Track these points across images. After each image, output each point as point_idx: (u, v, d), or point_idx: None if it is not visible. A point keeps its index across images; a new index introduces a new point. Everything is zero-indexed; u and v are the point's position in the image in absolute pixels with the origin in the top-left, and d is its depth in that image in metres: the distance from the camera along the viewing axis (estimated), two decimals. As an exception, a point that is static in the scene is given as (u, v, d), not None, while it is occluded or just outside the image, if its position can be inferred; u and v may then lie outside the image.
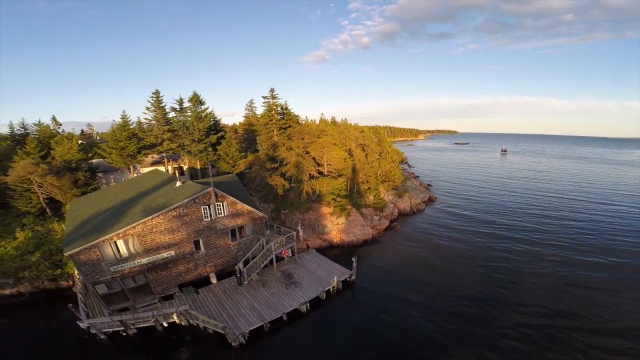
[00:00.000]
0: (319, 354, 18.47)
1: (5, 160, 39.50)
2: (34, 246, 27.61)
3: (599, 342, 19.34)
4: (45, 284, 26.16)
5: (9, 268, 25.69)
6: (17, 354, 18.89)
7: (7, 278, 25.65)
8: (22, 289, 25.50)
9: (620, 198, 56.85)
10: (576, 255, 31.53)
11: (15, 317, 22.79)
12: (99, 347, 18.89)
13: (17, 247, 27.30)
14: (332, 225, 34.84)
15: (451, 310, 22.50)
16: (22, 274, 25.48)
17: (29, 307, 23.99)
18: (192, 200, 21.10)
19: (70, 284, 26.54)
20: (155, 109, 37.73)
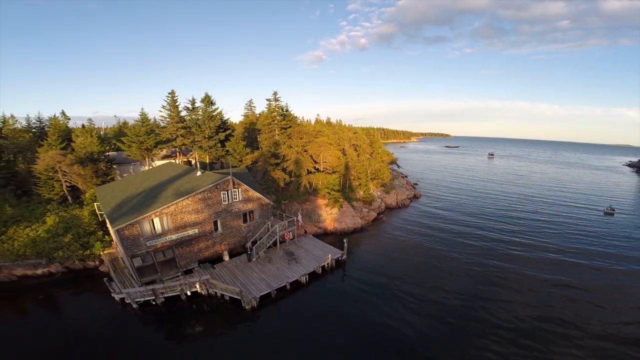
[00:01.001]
0: (315, 316, 22.80)
1: (25, 151, 43.04)
2: (63, 229, 30.40)
3: (573, 338, 20.99)
4: (76, 264, 29.20)
5: (44, 249, 28.65)
6: (59, 326, 21.53)
7: (41, 258, 28.34)
8: (53, 269, 28.40)
9: (587, 200, 62.89)
10: (538, 250, 36.67)
11: (52, 294, 25.39)
12: (132, 316, 22.17)
13: (47, 230, 30.10)
14: (326, 215, 39.57)
15: (421, 284, 27.32)
16: (56, 253, 28.51)
17: (62, 285, 26.73)
18: (215, 186, 25.58)
19: (97, 263, 29.90)
20: (171, 107, 41.80)
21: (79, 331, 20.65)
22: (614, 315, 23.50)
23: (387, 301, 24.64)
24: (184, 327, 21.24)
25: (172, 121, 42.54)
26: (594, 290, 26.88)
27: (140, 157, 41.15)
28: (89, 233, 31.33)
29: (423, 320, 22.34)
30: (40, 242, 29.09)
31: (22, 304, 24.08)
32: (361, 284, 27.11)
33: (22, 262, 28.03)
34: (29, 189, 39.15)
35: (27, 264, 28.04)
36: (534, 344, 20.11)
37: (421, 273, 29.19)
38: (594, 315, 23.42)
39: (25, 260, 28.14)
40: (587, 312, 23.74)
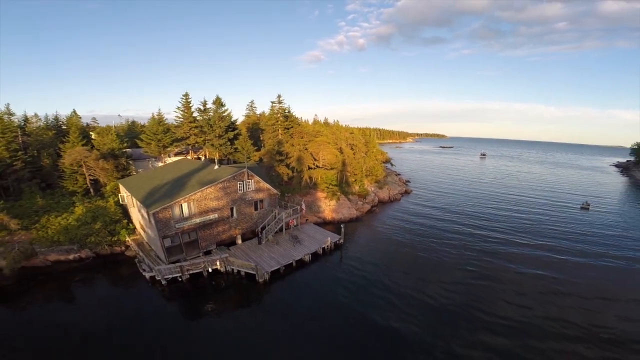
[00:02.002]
0: (317, 289, 27.08)
1: (48, 147, 46.83)
2: (91, 218, 33.82)
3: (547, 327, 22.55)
4: (105, 249, 32.54)
5: (76, 235, 31.95)
6: (97, 303, 24.62)
7: (73, 244, 31.44)
8: (84, 254, 31.49)
9: (567, 198, 68.05)
10: (513, 243, 41.36)
11: (88, 276, 28.56)
12: (161, 292, 25.71)
13: (77, 219, 33.56)
14: (325, 206, 44.11)
15: (405, 267, 31.36)
16: (89, 239, 31.94)
17: (94, 268, 29.96)
18: (233, 177, 30.03)
19: (123, 249, 33.40)
20: (184, 108, 46.04)
21: (115, 307, 23.98)
22: (579, 302, 26.41)
23: (376, 278, 28.85)
24: (206, 300, 25.15)
25: (185, 121, 46.75)
26: (566, 281, 29.22)
27: (157, 154, 45.33)
28: (114, 221, 35.14)
29: (403, 296, 26.57)
30: (71, 229, 32.41)
31: (63, 285, 27.23)
32: (355, 264, 31.53)
33: (56, 247, 31.30)
34: (53, 182, 43.10)
35: (61, 249, 31.27)
36: (510, 330, 23.09)
37: (407, 258, 33.38)
38: (562, 302, 26.85)
39: (59, 246, 31.41)
40: (559, 300, 26.60)
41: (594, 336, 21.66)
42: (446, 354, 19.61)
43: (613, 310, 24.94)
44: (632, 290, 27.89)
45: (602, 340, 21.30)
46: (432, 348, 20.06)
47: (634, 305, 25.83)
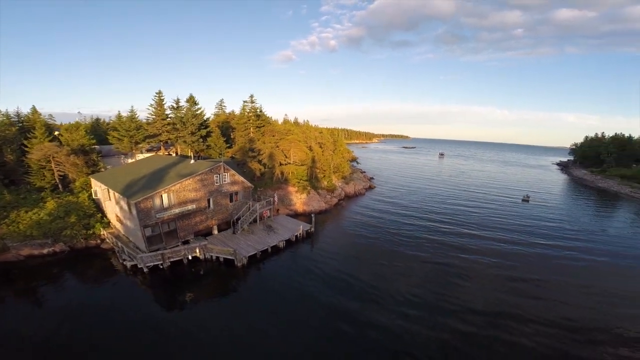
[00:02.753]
0: (290, 271, 29.91)
1: (11, 143, 45.29)
2: (63, 212, 34.26)
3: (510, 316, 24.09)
4: (81, 242, 32.88)
5: (49, 229, 32.07)
6: (79, 294, 25.18)
7: (47, 238, 31.59)
8: (58, 248, 31.60)
9: (511, 191, 76.95)
10: (462, 228, 47.36)
11: (65, 269, 28.78)
12: (142, 281, 26.76)
13: (49, 214, 33.80)
14: (296, 199, 47.28)
15: (368, 252, 35.27)
16: (64, 232, 32.28)
17: (71, 262, 30.17)
18: (210, 170, 32.20)
19: (98, 242, 34.00)
20: (157, 106, 46.88)
21: (95, 298, 24.59)
22: (518, 284, 31.68)
23: (342, 261, 32.35)
24: (187, 286, 26.61)
25: (158, 118, 47.58)
26: (507, 265, 33.80)
27: (129, 150, 45.74)
28: (88, 215, 35.76)
29: (362, 271, 30.63)
30: (44, 224, 32.57)
31: (38, 279, 27.19)
32: (324, 249, 34.97)
33: (30, 242, 31.29)
34: (17, 178, 42.11)
35: (34, 244, 31.21)
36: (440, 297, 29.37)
37: (368, 244, 36.98)
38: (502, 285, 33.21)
39: (32, 241, 31.43)
40: (496, 282, 32.83)
41: (533, 314, 24.23)
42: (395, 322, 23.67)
43: (544, 291, 28.08)
44: (560, 273, 31.32)
45: (536, 317, 23.78)
46: (379, 314, 23.89)
47: (560, 285, 29.71)
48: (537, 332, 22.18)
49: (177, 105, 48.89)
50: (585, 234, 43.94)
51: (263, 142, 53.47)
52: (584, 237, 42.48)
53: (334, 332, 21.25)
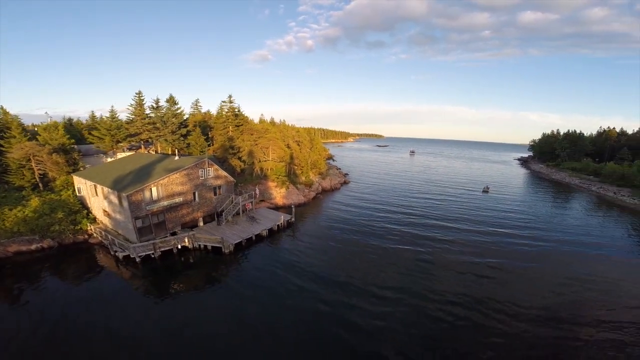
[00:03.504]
0: (273, 257, 32.82)
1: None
2: (48, 209, 35.16)
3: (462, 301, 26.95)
4: (69, 237, 33.90)
5: (38, 225, 32.88)
6: (74, 286, 26.23)
7: (35, 234, 32.28)
8: (46, 244, 32.32)
9: (474, 184, 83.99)
10: (428, 215, 52.41)
11: (54, 264, 29.48)
12: (135, 269, 28.40)
13: (34, 210, 34.58)
14: (276, 194, 50.25)
15: (343, 238, 39.24)
16: (53, 228, 33.20)
17: (61, 256, 31.01)
18: (195, 165, 34.52)
19: (86, 237, 35.09)
20: (138, 106, 48.09)
21: (90, 290, 25.60)
22: (472, 266, 38.33)
23: (320, 248, 35.50)
24: (178, 273, 28.72)
25: (138, 117, 48.77)
26: (465, 249, 39.83)
27: (110, 148, 46.68)
28: (74, 212, 36.85)
29: (337, 256, 34.22)
30: (30, 220, 33.35)
31: (32, 274, 27.82)
32: (304, 237, 38.12)
33: (17, 238, 31.98)
34: (0, 177, 41.85)
35: (22, 240, 31.88)
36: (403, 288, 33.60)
37: (344, 233, 40.66)
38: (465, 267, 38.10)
39: (19, 237, 32.13)
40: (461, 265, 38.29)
41: (495, 297, 26.32)
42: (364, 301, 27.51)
43: (504, 275, 31.12)
44: (515, 258, 34.77)
45: (501, 301, 25.60)
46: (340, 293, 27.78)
47: (518, 269, 32.72)
48: (504, 314, 23.75)
49: (157, 105, 50.26)
50: (536, 221, 49.62)
51: (242, 140, 55.88)
52: (536, 224, 47.85)
53: (312, 311, 23.33)
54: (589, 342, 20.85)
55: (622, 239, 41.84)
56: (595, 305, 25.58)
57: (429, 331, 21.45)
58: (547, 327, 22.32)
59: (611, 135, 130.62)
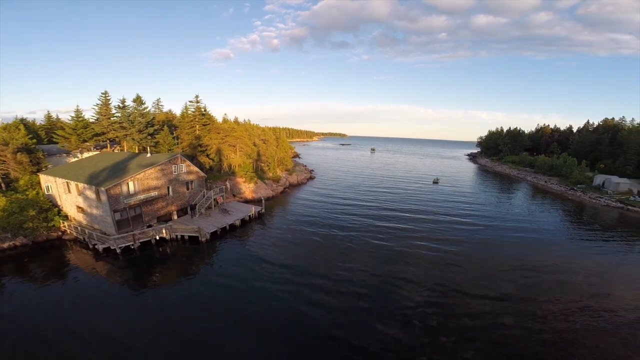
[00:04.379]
0: (246, 243, 36.21)
1: None
2: (17, 208, 35.58)
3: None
4: (43, 234, 34.49)
5: (10, 223, 33.16)
6: (56, 281, 26.60)
7: (6, 233, 32.61)
8: (18, 242, 32.65)
9: (426, 176, 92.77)
10: (385, 205, 58.62)
11: (33, 260, 30.17)
12: (115, 260, 29.88)
13: (2, 209, 34.81)
14: (245, 188, 53.45)
15: (308, 225, 44.20)
16: (26, 225, 33.75)
17: (37, 253, 31.82)
18: (169, 160, 36.97)
19: (59, 234, 35.82)
20: (104, 106, 48.71)
21: (74, 282, 26.51)
22: (422, 244, 44.69)
23: (287, 235, 39.88)
24: (157, 263, 30.67)
25: (104, 117, 49.37)
26: (418, 230, 46.84)
27: (75, 148, 46.91)
28: (45, 210, 37.48)
29: (304, 243, 38.94)
30: (0, 219, 33.55)
31: (12, 270, 28.42)
32: (273, 226, 42.04)
33: None
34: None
35: None
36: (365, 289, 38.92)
37: (310, 221, 45.25)
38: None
39: None
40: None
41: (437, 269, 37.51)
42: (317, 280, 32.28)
43: (443, 246, 40.99)
44: (457, 236, 43.59)
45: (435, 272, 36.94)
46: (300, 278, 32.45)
47: (465, 251, 43.14)
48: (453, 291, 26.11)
49: (123, 104, 51.12)
50: (478, 206, 57.71)
51: (210, 138, 58.16)
52: (478, 209, 55.82)
53: (279, 290, 25.71)
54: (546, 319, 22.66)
55: (556, 223, 48.06)
56: (543, 283, 27.95)
57: (382, 305, 23.86)
58: (504, 306, 23.86)
59: (546, 131, 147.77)
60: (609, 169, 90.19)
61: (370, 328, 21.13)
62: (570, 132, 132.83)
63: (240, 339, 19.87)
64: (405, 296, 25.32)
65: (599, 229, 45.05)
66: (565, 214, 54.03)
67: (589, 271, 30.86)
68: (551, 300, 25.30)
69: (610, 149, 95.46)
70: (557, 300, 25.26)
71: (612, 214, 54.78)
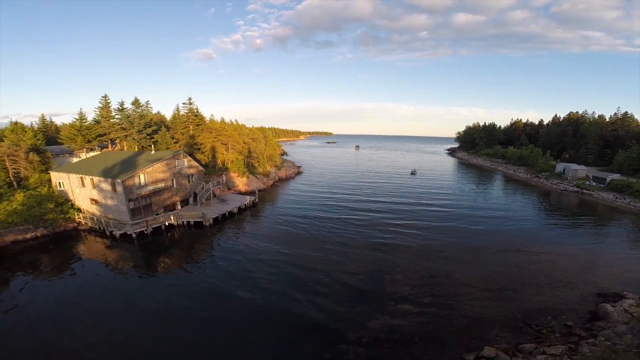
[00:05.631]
0: (244, 226, 41.55)
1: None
2: (35, 202, 39.33)
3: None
4: (62, 225, 38.57)
5: (31, 215, 36.91)
6: (79, 264, 30.01)
7: (28, 224, 36.16)
8: (39, 233, 36.24)
9: (405, 168, 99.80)
10: (366, 194, 64.83)
11: (56, 248, 33.83)
12: (130, 245, 34.06)
13: (22, 204, 38.50)
14: (239, 182, 58.51)
15: (298, 213, 49.84)
16: (47, 216, 37.59)
17: (57, 242, 35.19)
18: (173, 156, 41.79)
19: (76, 225, 39.91)
20: (104, 108, 52.71)
21: (97, 265, 29.81)
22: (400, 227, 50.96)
23: (278, 220, 45.30)
24: (168, 245, 35.29)
25: (104, 119, 53.34)
26: (397, 216, 54.13)
27: (80, 148, 50.78)
28: (60, 203, 41.46)
29: (293, 227, 44.51)
30: (22, 212, 37.27)
31: (37, 259, 31.49)
32: (266, 213, 47.42)
33: (13, 228, 35.74)
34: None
35: (18, 230, 35.64)
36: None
37: (298, 210, 50.73)
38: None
39: (15, 227, 35.86)
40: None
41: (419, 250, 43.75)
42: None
43: (415, 229, 48.09)
44: (427, 216, 51.01)
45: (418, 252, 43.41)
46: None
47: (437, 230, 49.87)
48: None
49: (122, 107, 55.18)
50: (454, 195, 64.96)
51: (203, 137, 62.80)
52: (450, 195, 63.26)
53: (274, 265, 30.30)
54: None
55: (516, 204, 55.20)
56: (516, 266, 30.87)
57: (352, 265, 29.96)
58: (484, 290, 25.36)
59: (519, 125, 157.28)
60: (572, 158, 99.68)
61: (336, 277, 27.25)
62: (541, 126, 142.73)
63: (245, 290, 25.41)
64: (375, 259, 31.85)
65: (553, 209, 53.19)
66: (524, 197, 61.81)
67: (533, 244, 38.13)
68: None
69: (574, 140, 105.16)
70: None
71: (569, 198, 62.36)
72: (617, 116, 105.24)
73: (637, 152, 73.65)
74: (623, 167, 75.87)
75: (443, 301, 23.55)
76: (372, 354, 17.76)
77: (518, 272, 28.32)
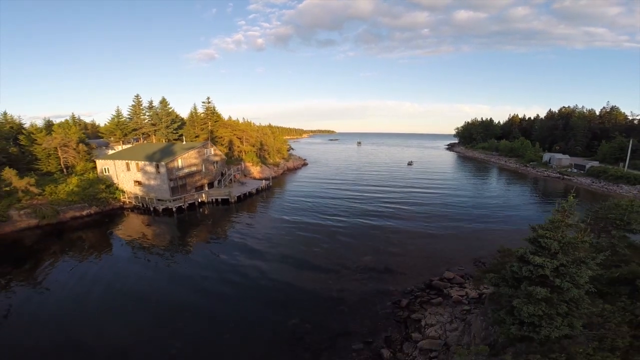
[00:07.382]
0: (261, 202, 49.51)
1: (9, 139, 53.67)
2: (87, 184, 47.51)
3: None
4: (112, 203, 46.42)
5: (87, 194, 44.52)
6: (131, 234, 39.34)
7: (84, 203, 43.81)
8: (93, 210, 43.71)
9: (403, 160, 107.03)
10: (367, 183, 72.34)
11: (109, 221, 41.63)
12: (171, 218, 42.05)
13: (77, 185, 46.38)
14: (253, 170, 66.32)
15: (305, 196, 57.42)
16: (100, 195, 45.27)
17: (110, 217, 43.20)
18: (203, 145, 49.53)
19: (122, 204, 47.49)
20: (136, 106, 60.56)
21: (145, 234, 37.22)
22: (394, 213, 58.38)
23: (291, 200, 53.14)
24: (200, 219, 43.02)
25: (136, 116, 61.19)
26: (393, 199, 61.87)
27: (117, 141, 58.64)
28: (108, 185, 49.16)
29: (302, 205, 52.13)
30: (78, 192, 44.80)
31: (94, 232, 39.24)
32: (279, 195, 55.18)
33: (72, 206, 43.40)
34: (20, 167, 51.57)
35: (76, 207, 43.25)
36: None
37: (304, 190, 58.79)
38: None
39: (73, 205, 43.50)
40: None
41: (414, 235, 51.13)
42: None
43: (402, 213, 55.67)
44: (418, 199, 59.51)
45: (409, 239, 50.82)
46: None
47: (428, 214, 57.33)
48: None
49: (151, 106, 63.00)
50: (442, 180, 72.67)
51: (222, 132, 70.54)
52: (443, 184, 70.93)
53: (294, 236, 38.36)
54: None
55: (499, 188, 63.92)
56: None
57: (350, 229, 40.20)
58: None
59: (515, 120, 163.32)
60: (563, 149, 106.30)
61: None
62: (535, 120, 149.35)
63: (267, 247, 33.42)
64: (365, 225, 40.02)
65: (535, 192, 60.56)
66: (508, 182, 69.11)
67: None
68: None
69: (564, 132, 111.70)
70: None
71: (551, 183, 69.44)
72: (605, 110, 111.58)
73: (619, 142, 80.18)
74: (606, 156, 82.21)
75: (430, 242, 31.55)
76: (366, 277, 25.45)
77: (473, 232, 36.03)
